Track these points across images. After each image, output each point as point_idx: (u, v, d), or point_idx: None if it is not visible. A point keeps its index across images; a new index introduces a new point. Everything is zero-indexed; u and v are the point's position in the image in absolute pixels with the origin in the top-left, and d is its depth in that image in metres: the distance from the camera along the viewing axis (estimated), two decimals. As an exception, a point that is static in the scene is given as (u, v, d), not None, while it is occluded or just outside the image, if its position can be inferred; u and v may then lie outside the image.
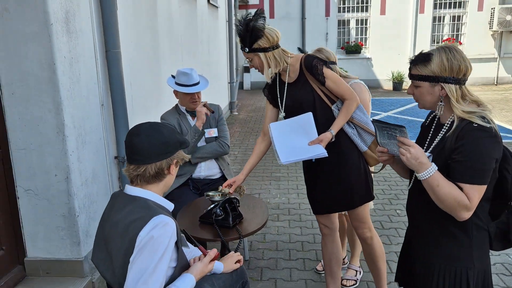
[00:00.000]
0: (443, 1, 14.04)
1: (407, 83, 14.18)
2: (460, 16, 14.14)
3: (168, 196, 3.11)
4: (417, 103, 1.75)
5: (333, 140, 2.30)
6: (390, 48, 14.22)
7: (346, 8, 14.44)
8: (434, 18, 14.13)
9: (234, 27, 10.11)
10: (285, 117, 2.47)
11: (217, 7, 8.33)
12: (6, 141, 2.61)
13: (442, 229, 1.64)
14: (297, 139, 2.31)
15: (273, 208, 4.42)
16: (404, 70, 14.15)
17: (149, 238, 1.39)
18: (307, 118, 2.31)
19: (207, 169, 3.24)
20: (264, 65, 2.31)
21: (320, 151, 2.21)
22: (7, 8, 2.40)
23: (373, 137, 2.34)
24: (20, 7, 2.39)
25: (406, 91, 12.18)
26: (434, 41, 14.35)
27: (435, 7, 14.03)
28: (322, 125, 2.32)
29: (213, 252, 1.68)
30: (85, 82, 2.79)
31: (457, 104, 1.54)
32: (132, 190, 1.57)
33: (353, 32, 14.60)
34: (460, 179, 1.49)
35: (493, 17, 13.54)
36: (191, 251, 1.85)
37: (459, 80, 1.55)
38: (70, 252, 2.77)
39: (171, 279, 1.54)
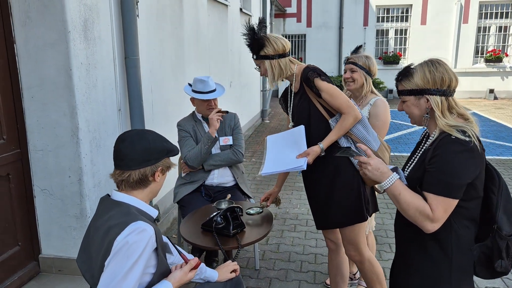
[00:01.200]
0: (489, 11, 13.48)
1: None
2: (507, 26, 13.51)
3: (179, 202, 3.15)
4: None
5: (322, 154, 2.22)
6: (430, 58, 13.76)
7: (385, 17, 14.16)
8: (479, 29, 13.58)
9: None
10: (293, 126, 2.44)
11: (250, 15, 8.41)
12: (25, 142, 2.74)
13: (420, 247, 1.60)
14: (287, 152, 2.27)
15: (291, 218, 4.37)
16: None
17: (124, 243, 1.41)
18: (299, 131, 2.27)
19: (220, 177, 3.25)
20: (268, 72, 2.31)
21: (299, 164, 2.15)
22: (29, 16, 2.53)
23: None
24: (41, 15, 2.52)
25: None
26: (478, 52, 13.78)
27: (480, 17, 13.49)
28: (316, 138, 2.26)
29: (194, 260, 1.67)
30: (102, 88, 2.89)
31: (441, 116, 1.53)
32: (117, 195, 1.60)
33: (391, 42, 14.29)
34: (426, 188, 1.50)
35: (543, 27, 12.85)
36: (176, 258, 1.86)
37: (444, 91, 1.55)
38: (81, 251, 2.85)
39: (149, 285, 1.54)
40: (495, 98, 13.64)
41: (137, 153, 1.55)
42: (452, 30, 13.50)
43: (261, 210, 2.68)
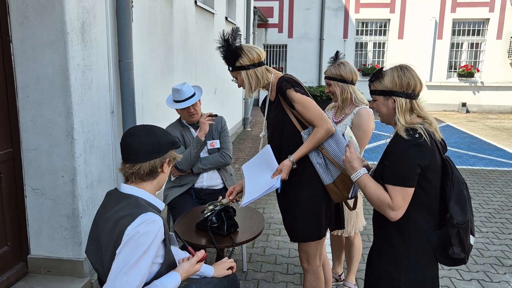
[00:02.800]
0: (461, 28, 14.06)
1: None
2: (478, 43, 14.11)
3: (170, 204, 3.19)
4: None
5: (294, 167, 2.18)
6: (407, 72, 14.22)
7: (364, 31, 14.57)
8: (452, 45, 14.14)
9: (251, 43, 10.29)
10: (264, 136, 2.49)
11: (235, 24, 8.53)
12: (18, 141, 2.74)
13: (384, 235, 1.82)
14: (261, 175, 2.25)
15: (276, 223, 4.45)
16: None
17: (135, 233, 1.47)
18: (266, 151, 2.26)
19: (209, 180, 3.31)
20: (245, 82, 2.28)
21: (272, 184, 2.12)
22: (27, 16, 2.56)
23: (340, 171, 2.18)
24: (40, 16, 2.55)
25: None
26: (451, 67, 14.33)
27: (453, 33, 14.06)
28: (288, 150, 2.22)
29: (201, 253, 1.74)
30: (97, 89, 2.93)
31: (399, 115, 1.74)
32: (125, 188, 1.66)
33: (370, 55, 14.70)
34: (385, 180, 1.70)
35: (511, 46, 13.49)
36: (179, 253, 1.92)
37: (409, 94, 1.75)
38: (72, 252, 2.86)
39: (158, 275, 1.60)
40: (467, 111, 14.18)
41: (147, 146, 1.63)
42: (427, 45, 14.01)
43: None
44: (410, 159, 1.63)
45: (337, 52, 2.88)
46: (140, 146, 1.62)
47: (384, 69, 1.81)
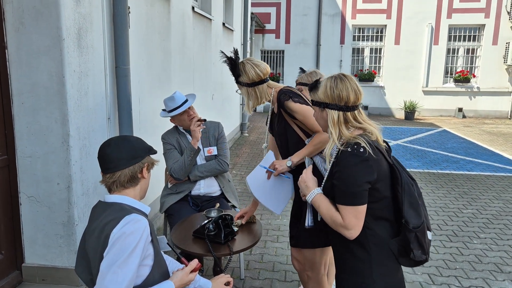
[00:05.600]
0: (457, 34, 14.14)
1: (419, 112, 14.17)
2: (474, 49, 14.19)
3: (167, 211, 3.16)
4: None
5: (289, 165, 2.29)
6: (403, 77, 14.30)
7: (361, 36, 14.63)
8: (448, 50, 14.21)
9: (248, 50, 10.32)
10: (266, 147, 2.63)
11: (232, 30, 8.55)
12: (13, 148, 2.71)
13: (345, 246, 1.77)
14: (270, 183, 2.38)
15: (274, 229, 4.42)
16: (417, 99, 14.17)
17: (121, 234, 1.49)
18: (270, 157, 2.40)
19: (206, 187, 3.28)
20: (245, 99, 2.41)
21: (287, 182, 2.33)
22: (23, 22, 2.54)
23: None
24: (35, 22, 2.53)
25: (417, 120, 12.10)
26: (447, 72, 14.39)
27: (449, 39, 14.13)
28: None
29: (194, 262, 1.74)
30: (93, 96, 2.90)
31: (331, 128, 1.69)
32: (109, 198, 1.69)
33: (367, 61, 14.74)
34: (336, 200, 1.67)
35: (507, 51, 13.57)
36: (174, 264, 1.90)
37: (341, 107, 1.68)
38: (67, 260, 2.82)
39: (149, 280, 1.60)
40: (464, 116, 14.22)
41: (125, 152, 1.66)
42: (424, 51, 14.07)
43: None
44: (359, 177, 1.60)
45: (301, 68, 3.20)
46: (119, 154, 1.66)
47: (321, 79, 1.79)
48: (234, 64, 2.35)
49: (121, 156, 1.66)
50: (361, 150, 1.60)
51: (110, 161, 1.66)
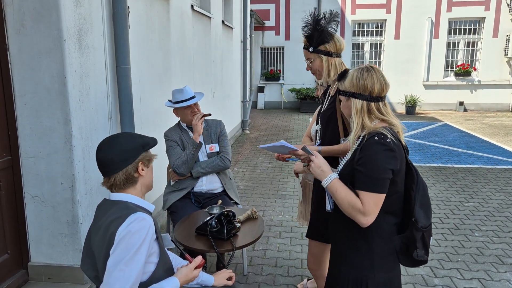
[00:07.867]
0: (457, 27, 14.10)
1: (420, 107, 14.16)
2: (475, 42, 14.16)
3: (170, 208, 3.19)
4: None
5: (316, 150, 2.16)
6: (404, 72, 14.28)
7: (361, 32, 14.61)
8: (448, 44, 14.17)
9: (248, 47, 10.32)
10: (320, 129, 2.38)
11: (232, 27, 8.55)
12: (17, 149, 2.74)
13: (348, 237, 1.79)
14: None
15: (276, 225, 4.45)
16: (418, 94, 14.15)
17: (127, 232, 1.51)
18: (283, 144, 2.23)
19: (208, 183, 3.31)
20: (324, 69, 2.26)
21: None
22: (24, 24, 2.57)
23: None
24: (36, 24, 2.56)
25: (418, 114, 12.06)
26: (448, 66, 14.36)
27: (449, 32, 14.09)
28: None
29: (198, 259, 1.76)
30: (94, 96, 2.93)
31: (354, 116, 1.73)
32: (113, 195, 1.70)
33: (367, 56, 14.73)
34: (357, 186, 1.67)
35: (508, 44, 13.53)
36: (178, 260, 1.93)
37: (366, 97, 1.72)
38: (72, 258, 2.85)
39: (155, 277, 1.62)
40: (465, 110, 14.20)
41: (114, 156, 1.65)
42: (424, 45, 14.04)
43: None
44: (384, 164, 1.62)
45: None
46: (109, 159, 1.65)
47: (350, 70, 1.82)
48: (321, 30, 2.18)
49: (112, 161, 1.65)
50: (388, 140, 1.63)
51: (104, 166, 1.67)
